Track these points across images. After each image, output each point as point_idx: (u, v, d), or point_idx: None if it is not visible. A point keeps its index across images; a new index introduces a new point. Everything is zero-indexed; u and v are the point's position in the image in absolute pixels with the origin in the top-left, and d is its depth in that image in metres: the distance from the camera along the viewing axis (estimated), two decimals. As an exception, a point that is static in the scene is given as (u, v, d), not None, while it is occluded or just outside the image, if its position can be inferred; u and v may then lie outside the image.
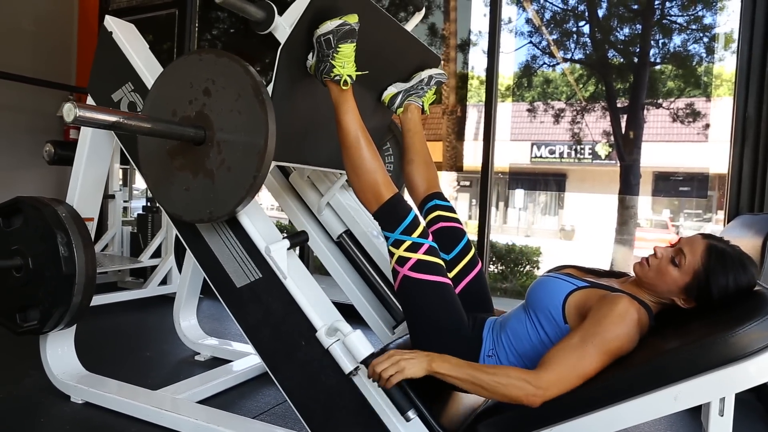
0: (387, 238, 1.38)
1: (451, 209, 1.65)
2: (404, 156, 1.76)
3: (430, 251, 1.35)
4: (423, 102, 1.80)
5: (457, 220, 1.63)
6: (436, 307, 1.33)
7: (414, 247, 1.34)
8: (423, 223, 1.39)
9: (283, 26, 1.47)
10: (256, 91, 1.31)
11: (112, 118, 1.16)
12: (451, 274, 1.55)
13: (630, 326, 1.11)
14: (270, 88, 1.40)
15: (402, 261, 1.34)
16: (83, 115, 1.09)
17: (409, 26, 1.92)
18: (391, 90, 1.80)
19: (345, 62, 1.39)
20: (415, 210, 1.41)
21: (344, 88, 1.41)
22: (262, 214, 1.56)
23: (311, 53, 1.46)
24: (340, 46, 1.38)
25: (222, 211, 1.39)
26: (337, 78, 1.40)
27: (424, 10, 2.02)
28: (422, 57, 1.80)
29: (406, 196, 1.61)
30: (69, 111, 1.07)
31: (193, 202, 1.43)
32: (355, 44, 1.40)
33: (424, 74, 1.80)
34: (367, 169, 1.39)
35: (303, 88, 1.56)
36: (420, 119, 1.79)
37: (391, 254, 1.36)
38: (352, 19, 1.38)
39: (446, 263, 1.53)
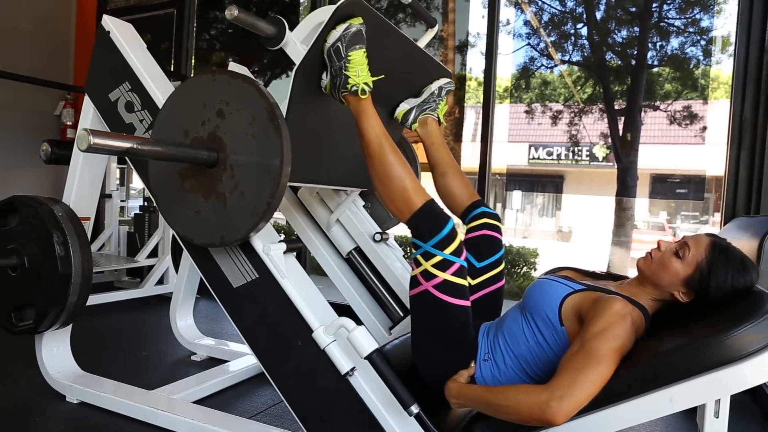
0: (416, 246, 1.29)
1: (498, 219, 1.62)
2: (435, 170, 1.70)
3: (458, 272, 1.27)
4: (438, 114, 1.78)
5: (499, 231, 1.60)
6: (448, 327, 1.29)
7: (444, 265, 1.26)
8: (460, 237, 1.29)
9: (293, 42, 1.47)
10: (272, 115, 1.29)
11: (127, 144, 1.14)
12: (473, 281, 1.54)
13: (627, 326, 1.11)
14: (284, 107, 1.39)
15: (428, 276, 1.27)
16: (98, 142, 1.06)
17: (421, 43, 1.92)
18: (404, 106, 1.78)
19: (358, 70, 1.36)
20: (454, 219, 1.32)
21: (362, 97, 1.38)
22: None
23: (325, 73, 1.44)
24: (350, 53, 1.35)
25: (234, 237, 1.37)
26: (354, 88, 1.37)
27: (436, 27, 2.02)
28: (433, 71, 1.79)
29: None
30: (83, 139, 1.04)
31: (205, 225, 1.40)
32: (365, 49, 1.37)
33: (434, 86, 1.78)
34: (394, 176, 1.32)
35: (316, 108, 1.55)
36: (439, 131, 1.76)
37: (417, 263, 1.29)
38: (357, 21, 1.36)
39: (474, 270, 1.52)
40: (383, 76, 1.45)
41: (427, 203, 1.30)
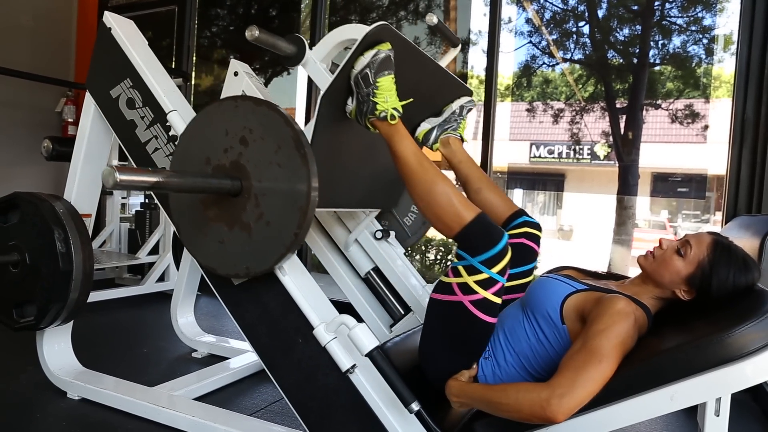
0: (460, 257, 1.23)
1: (539, 229, 1.57)
2: (468, 187, 1.65)
3: (499, 291, 1.23)
4: (460, 133, 1.75)
5: (538, 243, 1.56)
6: (468, 338, 1.27)
7: (487, 284, 1.21)
8: (509, 256, 1.23)
9: (313, 61, 1.46)
10: (298, 144, 1.26)
11: (153, 179, 1.11)
12: (508, 284, 1.52)
13: (631, 325, 1.12)
14: (308, 134, 1.36)
15: (467, 290, 1.22)
16: (124, 179, 1.03)
17: (444, 62, 1.90)
18: (425, 126, 1.74)
19: (387, 96, 1.34)
20: (507, 236, 1.25)
21: (392, 122, 1.35)
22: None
23: (350, 98, 1.42)
24: (378, 80, 1.32)
25: (260, 267, 1.35)
26: (383, 114, 1.34)
27: (460, 46, 2.00)
28: (454, 90, 1.76)
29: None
30: (109, 176, 1.01)
31: (229, 255, 1.38)
32: (393, 75, 1.35)
33: (455, 105, 1.74)
34: (439, 191, 1.27)
35: (338, 132, 1.53)
36: (464, 149, 1.73)
37: (457, 273, 1.23)
38: (385, 47, 1.33)
39: (510, 276, 1.44)
40: (411, 99, 1.42)
41: (478, 216, 1.24)
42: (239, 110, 1.35)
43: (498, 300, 1.24)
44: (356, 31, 1.46)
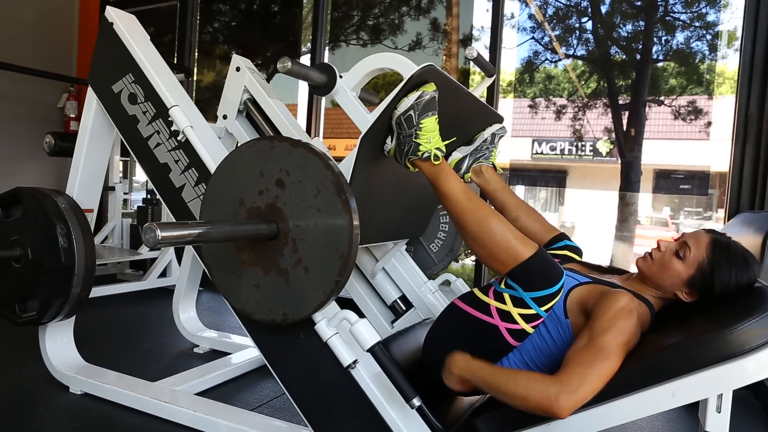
0: (509, 286, 1.21)
1: (580, 254, 1.53)
2: (506, 215, 1.59)
3: (538, 325, 1.22)
4: (492, 161, 1.72)
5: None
6: (489, 355, 1.24)
7: (531, 319, 1.20)
8: (561, 295, 1.22)
9: (344, 90, 1.45)
10: (339, 189, 1.21)
11: (195, 232, 1.08)
12: None
13: (635, 321, 1.11)
14: (346, 173, 1.32)
15: (507, 318, 1.21)
16: (167, 235, 0.99)
17: (478, 91, 1.88)
18: (456, 155, 1.70)
19: (430, 137, 1.31)
20: (565, 276, 1.22)
21: (436, 162, 1.31)
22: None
23: (390, 137, 1.39)
24: (422, 121, 1.29)
25: (298, 315, 1.30)
26: (426, 155, 1.31)
27: (494, 76, 1.98)
28: (486, 118, 1.73)
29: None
30: (151, 235, 0.97)
31: (265, 300, 1.33)
32: (437, 116, 1.32)
33: (487, 133, 1.71)
34: (494, 229, 1.21)
35: (375, 169, 1.50)
36: (498, 176, 1.70)
37: (500, 299, 1.22)
38: (430, 88, 1.30)
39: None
40: (455, 138, 1.39)
41: (538, 253, 1.19)
42: (275, 151, 1.29)
43: (533, 331, 1.22)
44: (390, 61, 1.45)
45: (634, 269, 1.39)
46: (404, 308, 2.05)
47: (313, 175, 1.24)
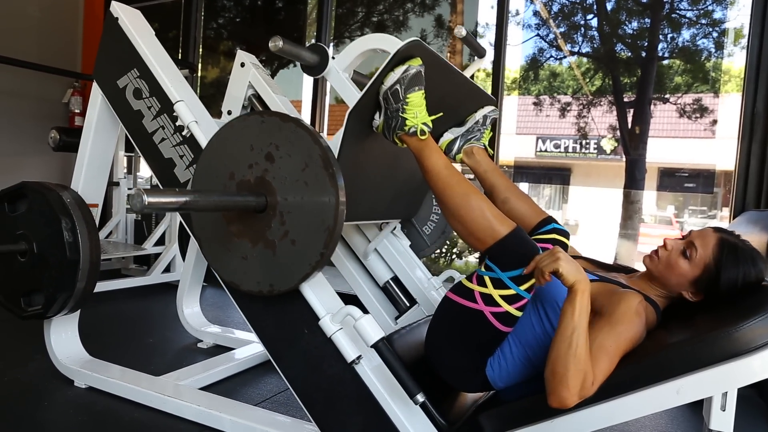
0: (489, 268, 1.21)
1: (567, 236, 1.54)
2: (495, 197, 1.60)
3: (522, 307, 1.21)
4: (484, 143, 1.72)
5: (566, 250, 1.49)
6: (482, 344, 1.26)
7: (513, 299, 1.19)
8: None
9: (336, 71, 1.45)
10: (326, 162, 1.24)
11: (182, 199, 1.10)
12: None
13: (642, 325, 1.11)
14: (333, 148, 1.34)
15: (490, 301, 1.20)
16: (153, 201, 1.01)
17: (469, 72, 1.88)
18: (448, 136, 1.71)
19: (417, 111, 1.32)
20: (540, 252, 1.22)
21: (422, 138, 1.33)
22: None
23: (378, 113, 1.40)
24: (408, 96, 1.30)
25: (284, 286, 1.33)
26: (413, 130, 1.32)
27: (485, 56, 1.98)
28: (478, 100, 1.74)
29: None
30: (137, 199, 0.99)
31: (252, 272, 1.36)
32: (423, 91, 1.33)
33: (478, 115, 1.71)
34: (472, 206, 1.23)
35: (364, 146, 1.52)
36: (489, 158, 1.70)
37: (482, 282, 1.22)
38: (416, 62, 1.31)
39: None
40: (441, 114, 1.40)
41: (514, 231, 1.20)
42: (266, 125, 1.32)
43: (519, 314, 1.22)
44: (380, 41, 1.45)
45: (639, 267, 1.39)
46: (408, 304, 2.05)
47: (301, 149, 1.27)
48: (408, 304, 2.05)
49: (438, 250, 5.11)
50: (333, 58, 1.49)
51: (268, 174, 1.31)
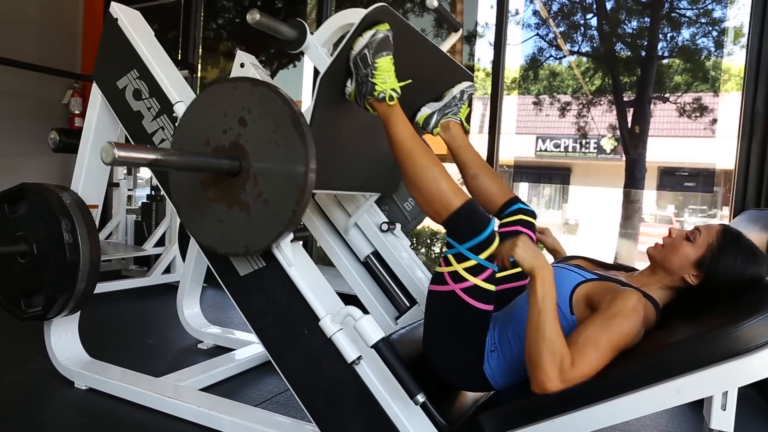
0: (450, 246, 1.25)
1: (534, 216, 1.57)
2: (465, 172, 1.66)
3: (489, 278, 1.23)
4: (460, 118, 1.75)
5: (533, 230, 1.56)
6: (467, 328, 1.28)
7: (476, 270, 1.21)
8: (497, 242, 1.23)
9: (314, 45, 1.46)
10: (296, 123, 1.27)
11: (151, 156, 1.12)
12: (497, 275, 1.53)
13: (639, 322, 1.11)
14: (308, 116, 1.37)
15: (457, 278, 1.23)
16: (122, 155, 1.04)
17: (445, 46, 1.89)
18: (425, 111, 1.74)
19: (386, 77, 1.34)
20: (495, 222, 1.27)
21: (391, 103, 1.36)
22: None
23: (349, 80, 1.42)
24: (377, 60, 1.33)
25: (259, 246, 1.36)
26: (382, 95, 1.35)
27: (460, 31, 2.00)
28: (455, 75, 1.76)
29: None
30: (107, 152, 1.02)
31: (228, 235, 1.39)
32: (392, 56, 1.36)
33: (456, 90, 1.74)
34: (429, 177, 1.28)
35: (338, 114, 1.54)
36: (464, 134, 1.73)
37: (447, 262, 1.25)
38: (384, 27, 1.34)
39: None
40: (410, 81, 1.42)
41: (466, 203, 1.25)
42: (238, 91, 1.36)
43: (490, 287, 1.24)
44: (357, 15, 1.46)
45: (639, 267, 1.39)
46: (408, 304, 2.05)
47: (272, 111, 1.30)
48: (408, 304, 2.05)
49: (438, 250, 5.10)
50: (312, 33, 1.49)
51: (241, 138, 1.34)
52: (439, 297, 1.27)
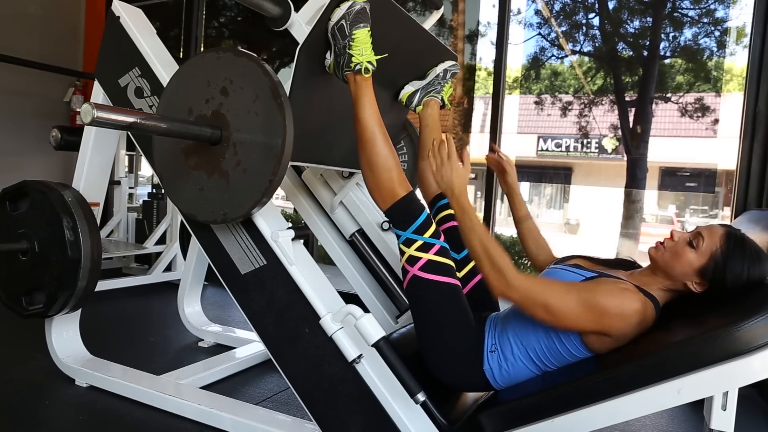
0: (398, 236, 1.34)
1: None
2: (420, 152, 1.74)
3: (441, 252, 1.31)
4: (442, 96, 1.79)
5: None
6: (443, 307, 1.31)
7: (425, 248, 1.30)
8: (435, 224, 1.35)
9: (299, 23, 1.46)
10: (275, 93, 1.30)
11: (130, 119, 1.15)
12: (460, 274, 1.54)
13: (633, 301, 1.12)
14: (287, 88, 1.39)
15: (412, 260, 1.30)
16: (101, 116, 1.07)
17: (427, 24, 1.90)
18: (408, 88, 1.79)
19: (362, 49, 1.37)
20: (428, 209, 1.37)
21: (366, 75, 1.38)
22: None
23: (329, 52, 1.44)
24: (354, 32, 1.36)
25: (236, 213, 1.38)
26: (358, 67, 1.37)
27: (442, 8, 2.01)
28: (438, 54, 1.79)
29: (418, 194, 1.60)
30: (87, 112, 1.05)
31: (208, 202, 1.42)
32: (369, 28, 1.38)
33: (439, 69, 1.78)
34: (383, 166, 1.34)
35: (320, 87, 1.55)
36: (438, 115, 1.78)
37: (402, 252, 1.32)
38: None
39: (456, 262, 1.51)
40: (387, 55, 1.45)
41: (408, 194, 1.34)
42: (221, 61, 1.38)
43: (444, 260, 1.31)
44: None
45: (641, 263, 1.38)
46: (408, 303, 2.05)
47: (252, 81, 1.33)
48: (407, 301, 2.05)
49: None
50: (296, 10, 1.50)
51: (222, 107, 1.37)
52: (410, 288, 1.32)
